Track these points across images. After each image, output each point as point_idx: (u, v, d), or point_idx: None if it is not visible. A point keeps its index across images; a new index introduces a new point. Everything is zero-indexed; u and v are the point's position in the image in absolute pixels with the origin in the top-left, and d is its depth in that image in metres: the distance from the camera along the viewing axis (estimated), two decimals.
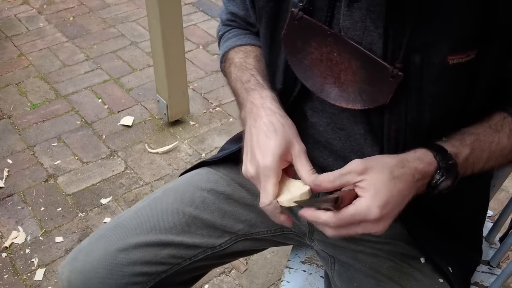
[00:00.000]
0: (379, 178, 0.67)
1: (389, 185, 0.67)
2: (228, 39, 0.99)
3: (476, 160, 0.76)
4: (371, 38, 0.72)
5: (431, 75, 0.71)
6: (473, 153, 0.75)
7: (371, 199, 0.66)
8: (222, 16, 1.04)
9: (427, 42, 0.69)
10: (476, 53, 0.70)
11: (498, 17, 0.68)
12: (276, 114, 0.79)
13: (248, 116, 0.81)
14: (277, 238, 1.01)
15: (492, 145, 0.76)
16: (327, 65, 0.77)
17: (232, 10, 0.99)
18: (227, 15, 1.01)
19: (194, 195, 0.96)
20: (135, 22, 3.13)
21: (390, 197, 0.66)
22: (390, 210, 0.67)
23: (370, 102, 0.74)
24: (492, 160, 0.78)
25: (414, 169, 0.70)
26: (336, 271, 0.93)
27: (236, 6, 0.97)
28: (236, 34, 0.99)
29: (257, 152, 0.75)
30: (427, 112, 0.74)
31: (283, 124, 0.77)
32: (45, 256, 1.77)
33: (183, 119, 2.37)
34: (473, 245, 0.96)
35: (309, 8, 0.76)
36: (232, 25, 1.02)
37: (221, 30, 1.04)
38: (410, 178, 0.69)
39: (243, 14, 0.97)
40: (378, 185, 0.67)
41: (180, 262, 0.92)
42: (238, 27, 1.01)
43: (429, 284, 0.85)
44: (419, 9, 0.67)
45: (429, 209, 0.84)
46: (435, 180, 0.72)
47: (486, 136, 0.77)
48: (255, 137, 0.77)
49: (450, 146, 0.74)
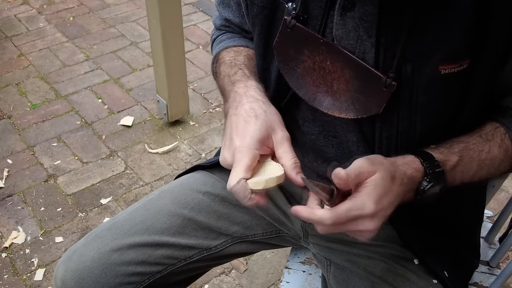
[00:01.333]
0: (379, 176, 0.67)
1: (385, 183, 0.67)
2: (221, 41, 0.99)
3: (465, 169, 0.75)
4: (364, 47, 0.72)
5: (422, 85, 0.71)
6: (462, 161, 0.74)
7: (367, 194, 0.65)
8: (216, 22, 1.03)
9: (419, 52, 0.69)
10: (469, 63, 0.69)
11: (491, 27, 0.67)
12: (258, 101, 0.77)
13: (230, 106, 0.78)
14: (272, 240, 1.01)
15: (482, 154, 0.76)
16: (319, 73, 0.76)
17: (227, 16, 0.98)
18: (221, 21, 1.01)
19: (189, 197, 0.96)
20: (135, 22, 3.13)
21: (384, 194, 0.66)
22: (384, 207, 0.66)
23: (363, 112, 0.74)
24: (484, 170, 0.77)
25: (403, 173, 0.70)
26: (332, 274, 0.93)
27: (231, 13, 0.97)
28: (229, 36, 0.99)
29: (235, 137, 0.72)
30: (419, 122, 0.74)
31: (265, 110, 0.75)
32: (45, 256, 1.77)
33: (183, 119, 2.37)
34: (470, 247, 0.96)
35: (303, 16, 0.76)
36: (226, 30, 1.02)
37: (214, 34, 1.03)
38: (400, 180, 0.69)
39: (238, 21, 0.96)
40: (377, 181, 0.66)
41: (175, 263, 0.93)
42: (232, 32, 1.01)
43: (422, 285, 0.85)
44: (412, 19, 0.67)
45: (422, 212, 0.84)
46: (423, 187, 0.71)
47: (475, 144, 0.76)
48: (235, 124, 0.74)
49: (438, 153, 0.74)
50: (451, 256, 0.90)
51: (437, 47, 0.68)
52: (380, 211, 0.66)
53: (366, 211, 0.65)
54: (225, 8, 0.97)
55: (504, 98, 0.78)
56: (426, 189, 0.71)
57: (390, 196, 0.67)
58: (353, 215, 0.65)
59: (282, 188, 0.97)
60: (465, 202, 0.90)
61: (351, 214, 0.65)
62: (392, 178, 0.67)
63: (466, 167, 0.75)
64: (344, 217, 0.65)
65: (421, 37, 0.68)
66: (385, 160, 0.70)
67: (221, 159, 0.75)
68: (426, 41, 0.68)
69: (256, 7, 0.82)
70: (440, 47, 0.68)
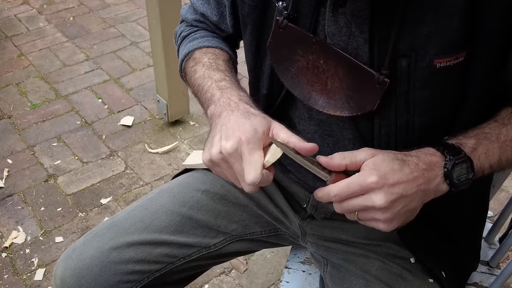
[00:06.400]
0: (380, 157, 0.68)
1: (388, 163, 0.67)
2: (194, 39, 0.96)
3: (487, 151, 0.73)
4: (356, 43, 0.72)
5: (418, 79, 0.70)
6: (480, 144, 0.73)
7: (368, 169, 0.67)
8: (187, 16, 0.99)
9: (413, 45, 0.68)
10: (465, 55, 0.69)
11: (486, 18, 0.67)
12: (252, 107, 0.77)
13: (224, 109, 0.76)
14: (271, 239, 1.01)
15: (501, 136, 0.74)
16: (313, 72, 0.76)
17: (204, 12, 0.95)
18: (195, 15, 0.97)
19: (188, 195, 0.96)
20: (135, 22, 3.13)
21: (390, 171, 0.66)
22: (390, 183, 0.66)
23: (358, 109, 0.74)
24: (508, 152, 0.75)
25: (417, 157, 0.69)
26: (328, 273, 0.93)
27: (209, 10, 0.94)
28: (203, 35, 0.96)
29: (235, 129, 0.71)
30: (417, 117, 0.74)
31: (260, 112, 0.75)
32: (45, 256, 1.77)
33: (183, 119, 2.37)
34: (470, 251, 0.96)
35: (293, 15, 0.76)
36: (199, 27, 0.98)
37: (185, 31, 0.99)
38: (413, 165, 0.68)
39: (216, 19, 0.94)
40: (377, 160, 0.67)
41: (174, 261, 0.93)
42: (205, 29, 0.98)
43: (418, 284, 0.85)
44: (404, 12, 0.67)
45: (424, 212, 0.84)
46: (446, 169, 0.69)
47: (491, 129, 0.75)
48: (233, 121, 0.72)
49: (452, 140, 0.73)
50: (450, 258, 0.89)
51: (431, 41, 0.68)
52: (386, 185, 0.66)
53: (367, 182, 0.66)
54: (204, 4, 0.94)
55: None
56: (451, 169, 0.69)
57: (400, 175, 0.67)
58: (355, 188, 0.66)
59: (282, 187, 0.98)
60: (466, 206, 0.89)
61: (353, 186, 0.66)
62: (400, 161, 0.68)
63: (488, 149, 0.73)
64: (346, 189, 0.67)
65: (415, 31, 0.68)
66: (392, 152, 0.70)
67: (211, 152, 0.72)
68: (419, 35, 0.68)
69: (248, 7, 0.82)
70: (434, 41, 0.68)
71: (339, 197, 0.68)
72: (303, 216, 0.95)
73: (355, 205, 0.68)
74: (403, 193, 0.67)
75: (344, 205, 0.69)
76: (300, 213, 0.95)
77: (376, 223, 0.69)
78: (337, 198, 0.68)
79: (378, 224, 0.69)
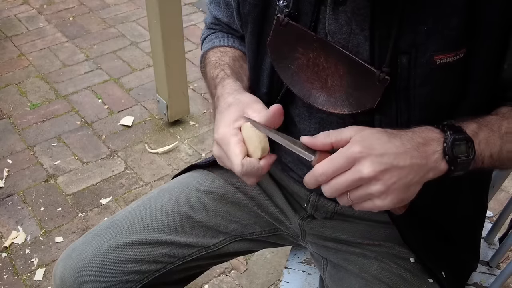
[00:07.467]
0: (368, 131, 0.67)
1: (378, 134, 0.66)
2: (209, 41, 1.00)
3: (489, 138, 0.71)
4: (357, 41, 0.72)
5: (418, 76, 0.70)
6: (482, 130, 0.71)
7: (352, 141, 0.66)
8: (206, 20, 1.04)
9: (414, 42, 0.69)
10: (465, 52, 0.69)
11: (486, 11, 0.67)
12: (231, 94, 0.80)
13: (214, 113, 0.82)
14: (271, 239, 1.01)
15: (502, 128, 0.72)
16: (313, 70, 0.77)
17: (216, 15, 0.99)
18: (211, 19, 1.02)
19: (188, 195, 0.96)
20: (135, 22, 3.13)
21: (377, 140, 0.65)
22: (378, 153, 0.64)
23: (357, 107, 0.74)
24: (510, 144, 0.72)
25: (412, 132, 0.68)
26: (328, 273, 0.93)
27: (220, 12, 0.97)
28: (218, 36, 1.00)
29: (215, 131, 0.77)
30: (418, 113, 0.73)
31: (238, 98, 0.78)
32: (45, 256, 1.77)
33: (183, 119, 2.37)
34: (469, 251, 0.95)
35: (294, 13, 0.76)
36: (216, 29, 1.02)
37: (204, 34, 1.04)
38: (406, 139, 0.67)
39: (226, 20, 0.97)
40: (365, 134, 0.66)
41: (174, 261, 0.93)
42: (221, 31, 1.01)
43: (418, 285, 0.85)
44: (404, 10, 0.67)
45: (423, 212, 0.84)
46: (446, 144, 0.67)
47: (492, 120, 0.73)
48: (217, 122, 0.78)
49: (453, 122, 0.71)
50: (450, 258, 0.89)
51: (431, 37, 0.68)
52: (372, 155, 0.64)
53: (351, 151, 0.64)
54: (215, 7, 0.98)
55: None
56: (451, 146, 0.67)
57: (388, 145, 0.65)
58: (339, 161, 0.65)
59: (281, 187, 0.98)
60: (463, 206, 0.89)
61: (337, 159, 0.65)
62: (390, 134, 0.67)
63: (489, 136, 0.71)
64: (331, 164, 0.65)
65: (415, 28, 0.68)
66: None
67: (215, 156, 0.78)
68: (419, 31, 0.68)
69: (248, 5, 0.82)
70: (434, 37, 0.68)
71: (325, 176, 0.66)
72: (303, 215, 0.95)
73: (343, 181, 0.65)
74: (393, 163, 0.64)
75: (332, 184, 0.66)
76: (300, 213, 0.95)
77: (372, 202, 0.66)
78: (323, 177, 0.66)
79: (374, 202, 0.65)
